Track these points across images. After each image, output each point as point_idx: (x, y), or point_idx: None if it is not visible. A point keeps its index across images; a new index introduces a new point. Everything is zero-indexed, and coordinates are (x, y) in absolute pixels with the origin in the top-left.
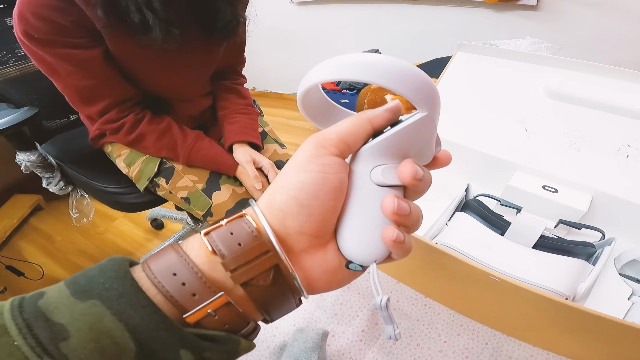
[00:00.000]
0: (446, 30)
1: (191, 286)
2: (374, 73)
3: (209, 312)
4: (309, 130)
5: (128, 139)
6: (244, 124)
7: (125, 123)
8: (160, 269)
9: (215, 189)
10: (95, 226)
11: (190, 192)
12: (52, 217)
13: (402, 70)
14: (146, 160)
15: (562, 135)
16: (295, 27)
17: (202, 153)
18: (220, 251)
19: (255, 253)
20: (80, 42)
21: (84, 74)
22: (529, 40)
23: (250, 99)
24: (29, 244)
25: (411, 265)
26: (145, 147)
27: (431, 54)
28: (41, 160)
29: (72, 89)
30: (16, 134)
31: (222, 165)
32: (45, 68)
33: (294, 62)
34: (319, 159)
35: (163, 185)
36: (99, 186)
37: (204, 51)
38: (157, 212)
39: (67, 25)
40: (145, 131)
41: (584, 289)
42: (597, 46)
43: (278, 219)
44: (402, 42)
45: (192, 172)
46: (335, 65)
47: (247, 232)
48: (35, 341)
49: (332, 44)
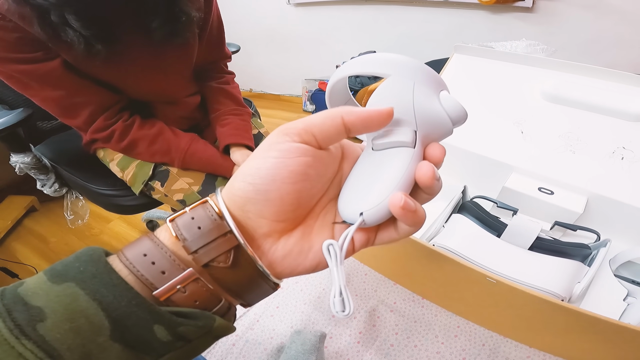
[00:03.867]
0: (443, 32)
1: (160, 264)
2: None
3: (178, 287)
4: None
5: (120, 146)
6: (235, 125)
7: (115, 130)
8: (133, 253)
9: (212, 191)
10: (90, 228)
11: (187, 194)
12: (46, 218)
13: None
14: (140, 164)
15: (557, 138)
16: (292, 28)
17: (197, 155)
18: (182, 235)
19: (214, 235)
20: (35, 56)
21: (53, 85)
22: (524, 42)
23: (240, 97)
24: (23, 245)
25: (408, 266)
26: (138, 153)
27: (428, 56)
28: (36, 162)
29: (50, 102)
30: (10, 136)
31: (218, 167)
32: (16, 85)
33: (291, 63)
34: (278, 145)
35: (158, 188)
36: (94, 188)
37: (157, 53)
38: (152, 214)
39: (13, 41)
40: (137, 137)
41: (580, 290)
42: (592, 48)
43: (237, 205)
44: (398, 44)
45: (187, 175)
46: (365, 61)
47: (207, 215)
48: (13, 324)
49: (329, 45)
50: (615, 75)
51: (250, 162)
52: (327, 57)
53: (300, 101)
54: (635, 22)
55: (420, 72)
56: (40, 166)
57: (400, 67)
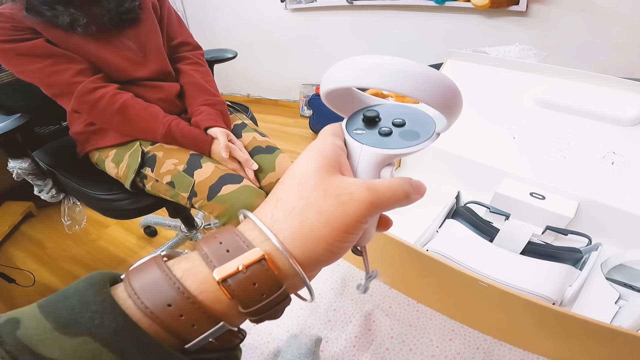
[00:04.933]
0: (439, 37)
1: (190, 318)
2: (401, 84)
3: (210, 340)
4: (304, 137)
5: (112, 108)
6: (208, 112)
7: (106, 94)
8: (153, 299)
9: (197, 167)
10: (88, 233)
11: (173, 175)
12: (43, 224)
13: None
14: (131, 154)
15: (548, 143)
16: (290, 33)
17: (181, 126)
18: (243, 301)
19: (277, 301)
20: (24, 37)
21: (37, 57)
22: (518, 47)
23: (210, 87)
24: (20, 250)
25: (403, 271)
26: (129, 119)
27: (424, 60)
28: (33, 167)
29: (34, 73)
30: (8, 142)
31: (199, 141)
32: (5, 62)
33: (289, 68)
34: (364, 226)
35: (149, 174)
36: (91, 193)
37: (129, 31)
38: (150, 219)
39: (9, 28)
40: (129, 103)
41: (571, 293)
42: (586, 51)
43: (308, 265)
44: (395, 49)
45: (172, 156)
46: (359, 69)
47: (270, 282)
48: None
49: (326, 50)
50: (606, 81)
51: (336, 234)
52: (324, 62)
53: (297, 106)
54: (629, 26)
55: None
56: (38, 172)
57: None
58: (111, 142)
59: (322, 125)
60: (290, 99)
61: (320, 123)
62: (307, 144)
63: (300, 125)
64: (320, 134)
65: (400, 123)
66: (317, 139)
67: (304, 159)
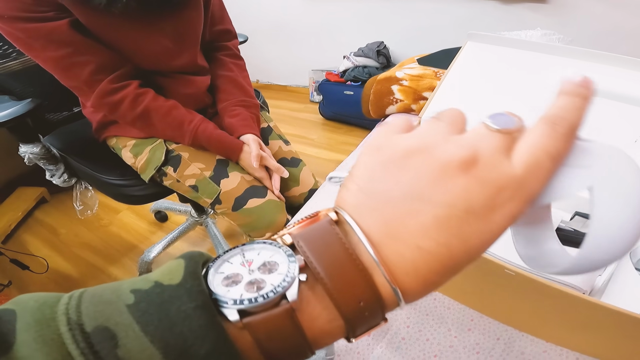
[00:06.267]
0: (452, 24)
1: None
2: None
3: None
4: (313, 122)
5: (134, 114)
6: (244, 117)
7: (127, 97)
8: (276, 346)
9: (224, 176)
10: (100, 219)
11: (198, 179)
12: (56, 210)
13: None
14: (153, 149)
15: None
16: (300, 19)
17: (208, 132)
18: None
19: (376, 315)
20: (46, 15)
21: (57, 44)
22: (540, 32)
23: (250, 89)
24: (34, 237)
25: None
26: (151, 124)
27: (436, 47)
28: (45, 152)
29: (50, 62)
30: (19, 126)
31: (228, 145)
32: (21, 45)
33: (298, 54)
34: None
35: (170, 173)
36: (104, 178)
37: (170, 15)
38: (160, 205)
39: (30, 1)
40: (152, 107)
41: (601, 283)
42: (605, 40)
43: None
44: (406, 36)
45: (199, 160)
46: None
47: (379, 318)
48: None
49: (336, 36)
50: (635, 63)
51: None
52: (334, 48)
53: (307, 92)
54: None
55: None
56: (49, 156)
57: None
58: (132, 135)
59: (332, 110)
60: (300, 85)
61: (330, 108)
62: (317, 129)
63: (310, 110)
64: None
65: None
66: None
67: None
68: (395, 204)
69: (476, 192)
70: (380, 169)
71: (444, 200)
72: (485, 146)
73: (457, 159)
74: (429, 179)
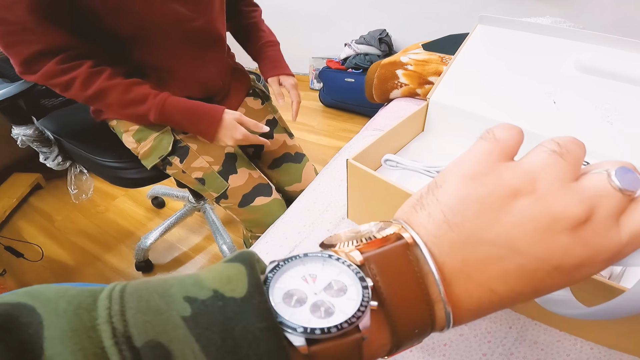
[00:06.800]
0: (458, 11)
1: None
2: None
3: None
4: (314, 109)
5: (85, 95)
6: (276, 57)
7: (77, 77)
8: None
9: (232, 171)
10: (96, 205)
11: (206, 173)
12: (52, 196)
13: None
14: (159, 137)
15: (593, 109)
16: (300, 6)
17: (179, 103)
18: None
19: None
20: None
21: (7, 15)
22: (550, 19)
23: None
24: (29, 223)
25: None
26: (108, 104)
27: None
28: (38, 134)
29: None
30: (11, 108)
31: (204, 113)
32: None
33: (299, 41)
34: None
35: (176, 164)
36: (99, 160)
37: None
38: (158, 190)
39: None
40: (107, 86)
41: (620, 269)
42: (615, 32)
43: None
44: (411, 23)
45: (208, 153)
46: None
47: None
48: None
49: (337, 23)
50: None
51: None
52: (335, 36)
53: (307, 79)
54: None
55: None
56: (43, 139)
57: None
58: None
59: (332, 97)
60: (300, 72)
61: (331, 96)
62: (316, 115)
63: (310, 97)
64: None
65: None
66: None
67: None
68: (482, 245)
69: (576, 253)
70: (477, 205)
71: (539, 254)
72: (602, 206)
73: (570, 216)
74: (531, 230)
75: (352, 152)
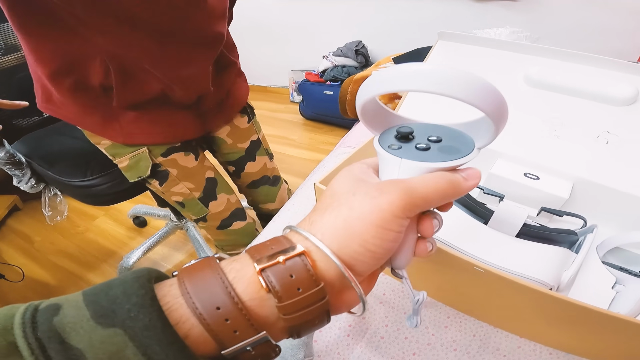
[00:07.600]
0: (428, 22)
1: (234, 323)
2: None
3: (248, 348)
4: (294, 122)
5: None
6: None
7: None
8: (204, 301)
9: (212, 198)
10: (75, 225)
11: (186, 199)
12: (29, 217)
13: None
14: (136, 158)
15: (541, 123)
16: (278, 19)
17: None
18: (278, 293)
19: (313, 300)
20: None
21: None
22: (508, 30)
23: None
24: (7, 245)
25: None
26: None
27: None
28: (9, 157)
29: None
30: None
31: None
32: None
33: (278, 54)
34: (402, 221)
35: (156, 186)
36: (67, 181)
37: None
38: (138, 210)
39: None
40: None
41: (568, 278)
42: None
43: (349, 264)
44: (384, 33)
45: (188, 179)
46: (396, 76)
47: (307, 276)
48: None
49: (316, 36)
50: (600, 61)
51: (372, 231)
52: (314, 48)
53: (287, 92)
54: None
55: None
56: (15, 161)
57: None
58: (106, 136)
59: (312, 110)
60: (280, 85)
61: (311, 109)
62: (297, 129)
63: (290, 110)
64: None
65: (437, 140)
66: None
67: (335, 179)
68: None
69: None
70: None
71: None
72: None
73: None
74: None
75: (325, 171)
